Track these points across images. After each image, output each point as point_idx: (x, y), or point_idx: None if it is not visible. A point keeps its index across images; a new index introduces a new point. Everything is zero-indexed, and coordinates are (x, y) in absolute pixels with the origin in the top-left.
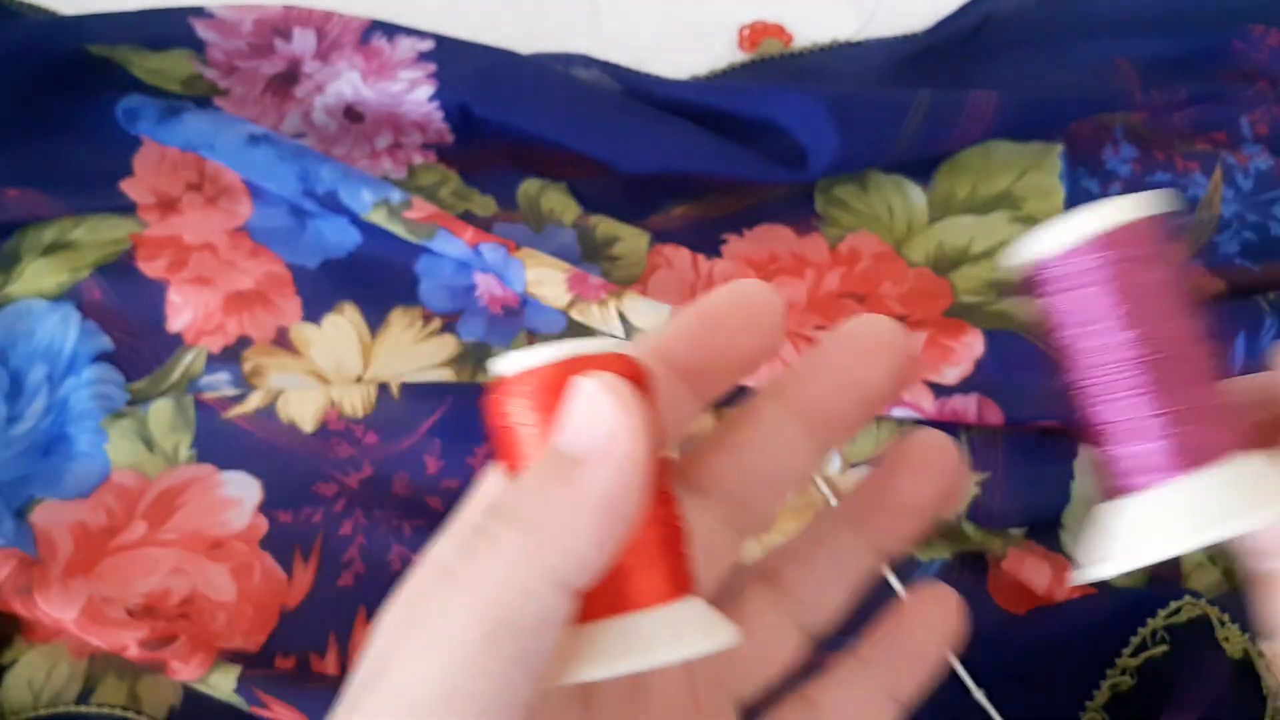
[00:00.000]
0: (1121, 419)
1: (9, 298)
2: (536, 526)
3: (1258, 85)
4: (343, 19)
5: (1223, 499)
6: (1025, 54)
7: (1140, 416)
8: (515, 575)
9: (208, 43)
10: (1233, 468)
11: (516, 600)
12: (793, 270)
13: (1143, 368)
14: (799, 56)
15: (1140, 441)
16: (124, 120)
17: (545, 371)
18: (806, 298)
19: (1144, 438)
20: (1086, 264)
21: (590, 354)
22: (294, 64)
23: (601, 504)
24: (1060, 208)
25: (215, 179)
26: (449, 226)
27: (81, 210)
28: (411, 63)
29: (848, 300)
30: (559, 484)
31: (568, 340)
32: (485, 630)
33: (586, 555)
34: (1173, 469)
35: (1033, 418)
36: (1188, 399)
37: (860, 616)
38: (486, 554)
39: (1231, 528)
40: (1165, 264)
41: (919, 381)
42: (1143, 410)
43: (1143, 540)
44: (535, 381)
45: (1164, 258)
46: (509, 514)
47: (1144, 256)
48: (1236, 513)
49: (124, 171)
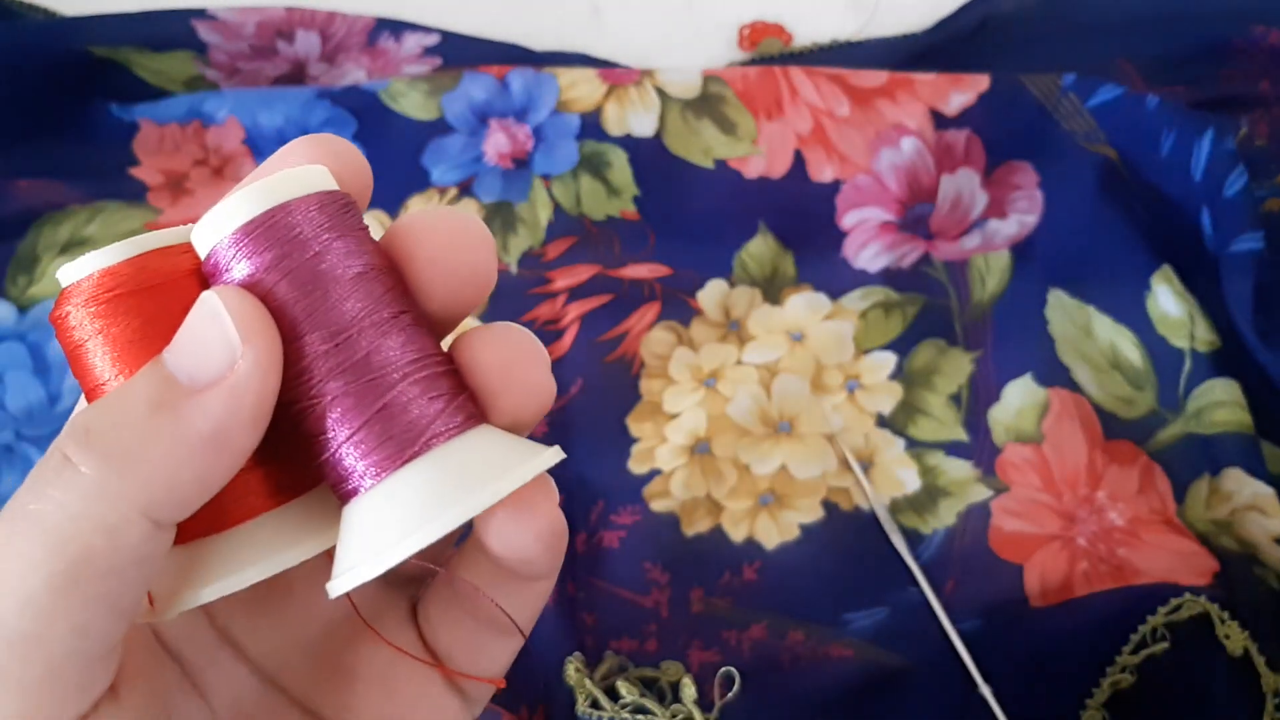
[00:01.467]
0: (333, 420)
1: (34, 299)
2: (127, 456)
3: (1258, 85)
4: (347, 20)
5: (451, 482)
6: (1025, 54)
7: (347, 415)
8: (96, 509)
9: (210, 44)
10: (457, 447)
11: (98, 537)
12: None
13: (332, 368)
14: (799, 56)
15: (352, 442)
16: (119, 111)
17: (115, 272)
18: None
19: (354, 437)
20: (243, 261)
21: (160, 245)
22: (298, 66)
23: (211, 440)
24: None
25: (218, 149)
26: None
27: (93, 197)
28: (417, 58)
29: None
30: (162, 412)
31: (138, 237)
32: (59, 569)
33: (187, 493)
34: (390, 464)
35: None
36: (383, 391)
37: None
38: (63, 486)
39: (462, 511)
40: (329, 249)
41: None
42: (349, 408)
43: (373, 546)
44: (107, 285)
45: (326, 242)
46: (94, 441)
47: (307, 241)
48: (467, 493)
49: (129, 161)
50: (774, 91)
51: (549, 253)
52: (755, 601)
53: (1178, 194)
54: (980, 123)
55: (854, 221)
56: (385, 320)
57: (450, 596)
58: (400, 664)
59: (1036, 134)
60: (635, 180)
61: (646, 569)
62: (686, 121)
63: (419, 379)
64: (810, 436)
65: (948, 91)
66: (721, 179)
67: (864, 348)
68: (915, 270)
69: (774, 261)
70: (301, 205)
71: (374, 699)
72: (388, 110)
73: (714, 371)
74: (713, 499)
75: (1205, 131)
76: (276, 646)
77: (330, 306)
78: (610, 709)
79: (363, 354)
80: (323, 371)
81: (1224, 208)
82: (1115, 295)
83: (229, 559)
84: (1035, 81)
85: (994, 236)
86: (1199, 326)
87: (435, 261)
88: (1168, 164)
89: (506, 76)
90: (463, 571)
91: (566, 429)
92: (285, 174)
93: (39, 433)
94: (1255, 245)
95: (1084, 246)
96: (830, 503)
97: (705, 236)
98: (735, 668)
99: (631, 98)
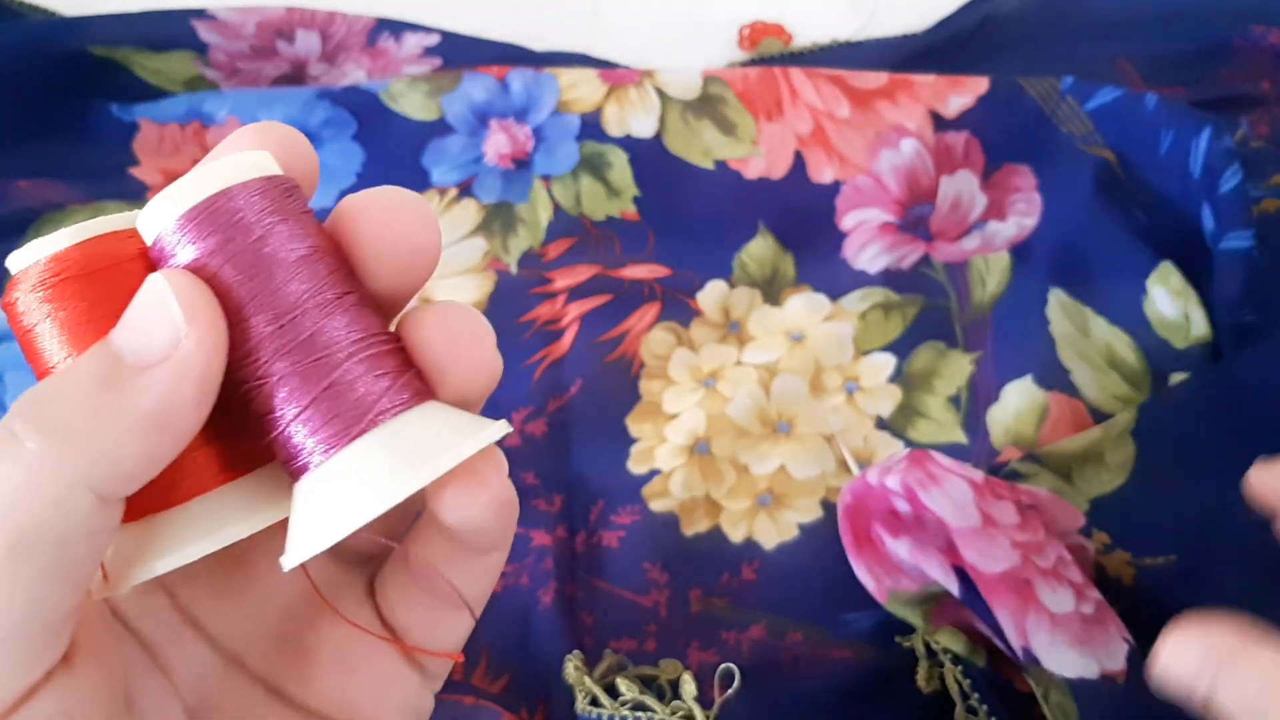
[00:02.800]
0: (280, 399)
1: None
2: (72, 432)
3: (1258, 85)
4: (347, 20)
5: (400, 456)
6: (1025, 54)
7: (294, 393)
8: (41, 482)
9: (210, 44)
10: (405, 422)
11: (46, 510)
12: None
13: (279, 348)
14: (799, 56)
15: (300, 419)
16: (119, 111)
17: (63, 256)
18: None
19: (302, 415)
20: (188, 246)
21: (107, 231)
22: (298, 66)
23: (155, 417)
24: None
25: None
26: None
27: (93, 197)
28: (417, 58)
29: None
30: (108, 389)
31: (85, 223)
32: (9, 540)
33: (132, 468)
34: (339, 440)
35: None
36: (330, 370)
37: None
38: (10, 460)
39: (412, 481)
40: (273, 232)
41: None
42: (296, 387)
43: (324, 519)
44: (54, 270)
45: (270, 226)
46: (40, 417)
47: (250, 225)
48: (416, 466)
49: (129, 161)
50: (774, 92)
51: (549, 253)
52: (754, 602)
53: (1177, 191)
54: (979, 125)
55: (854, 222)
56: (330, 301)
57: (406, 574)
58: (359, 641)
59: (1035, 137)
60: (635, 181)
61: (646, 569)
62: (686, 122)
63: (364, 357)
64: (809, 437)
65: (947, 94)
66: (721, 180)
67: (863, 349)
68: (915, 271)
69: (774, 262)
70: (244, 190)
71: (335, 676)
72: (388, 110)
73: (713, 372)
74: (712, 499)
75: (1203, 129)
76: (238, 626)
77: (275, 288)
78: (610, 706)
79: (308, 334)
80: (269, 352)
81: (1218, 204)
82: (1112, 297)
83: (182, 533)
84: (1034, 84)
85: (993, 238)
86: (1195, 328)
87: (379, 240)
88: (1166, 162)
89: (506, 77)
90: (417, 548)
91: (566, 429)
92: (227, 159)
93: None
94: (1244, 244)
95: (1082, 249)
96: (829, 503)
97: (705, 237)
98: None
99: (631, 98)
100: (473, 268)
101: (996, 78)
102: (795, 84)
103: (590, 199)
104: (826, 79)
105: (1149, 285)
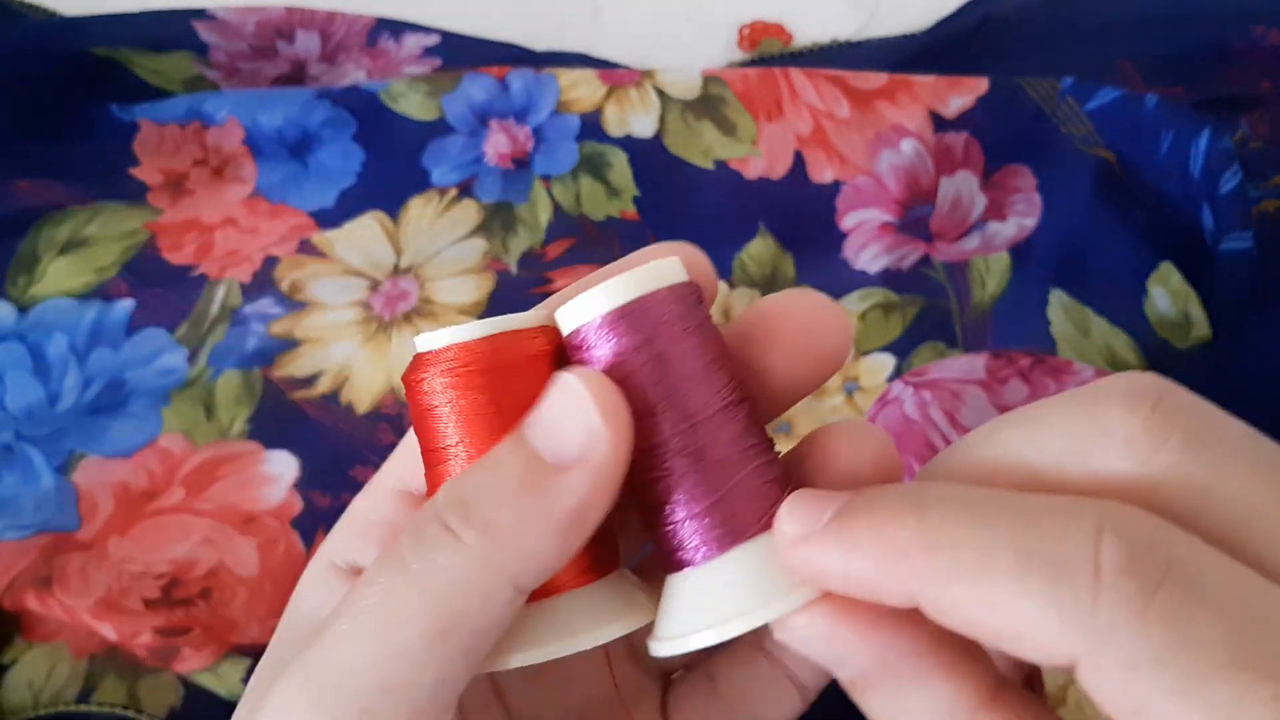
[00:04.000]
0: (678, 496)
1: (34, 299)
2: (503, 532)
3: (1258, 85)
4: (347, 19)
5: (783, 570)
6: (1025, 54)
7: (692, 493)
8: (474, 576)
9: (209, 44)
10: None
11: (475, 602)
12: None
13: (681, 447)
14: (799, 56)
15: (694, 517)
16: (119, 111)
17: (472, 347)
18: None
19: (697, 514)
20: (610, 342)
21: (513, 328)
22: (298, 66)
23: (575, 516)
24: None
25: (218, 149)
26: (471, 70)
27: (93, 197)
28: (417, 58)
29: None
30: (532, 491)
31: (495, 318)
32: (437, 628)
33: (549, 563)
34: (724, 544)
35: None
36: (728, 475)
37: None
38: (447, 552)
39: (800, 597)
40: (687, 336)
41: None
42: (695, 486)
43: (708, 618)
44: (464, 360)
45: (684, 329)
46: (474, 513)
47: (668, 329)
48: (794, 585)
49: (129, 161)
50: (774, 93)
51: (549, 253)
52: None
53: (1177, 192)
54: (979, 125)
55: (854, 223)
56: (729, 406)
57: (706, 692)
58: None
59: (1035, 137)
60: (635, 181)
61: None
62: (686, 122)
63: (755, 467)
64: None
65: (947, 94)
66: (721, 180)
67: (863, 349)
68: (915, 272)
69: (774, 262)
70: (666, 295)
71: None
72: (388, 110)
73: None
74: None
75: (1203, 130)
76: (539, 708)
77: (684, 392)
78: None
79: (710, 438)
80: (672, 451)
81: (1218, 204)
82: (1112, 298)
83: (542, 629)
84: (1034, 85)
85: (993, 238)
86: (1195, 328)
87: (793, 347)
88: (1166, 163)
89: (506, 77)
90: (728, 670)
91: None
92: (648, 268)
93: (38, 433)
94: (1243, 245)
95: (1082, 250)
96: None
97: (705, 237)
98: None
99: (631, 98)
100: (473, 268)
101: (996, 78)
102: (795, 84)
103: (590, 199)
104: (826, 79)
105: (1149, 285)
